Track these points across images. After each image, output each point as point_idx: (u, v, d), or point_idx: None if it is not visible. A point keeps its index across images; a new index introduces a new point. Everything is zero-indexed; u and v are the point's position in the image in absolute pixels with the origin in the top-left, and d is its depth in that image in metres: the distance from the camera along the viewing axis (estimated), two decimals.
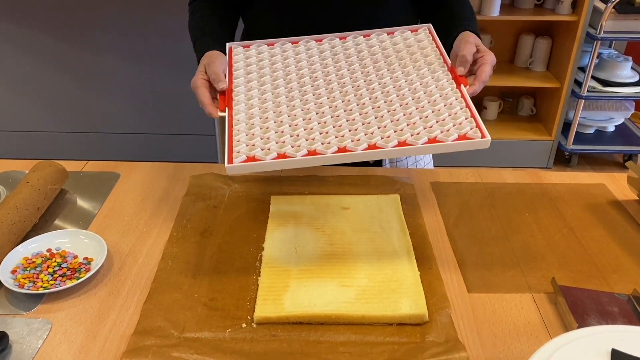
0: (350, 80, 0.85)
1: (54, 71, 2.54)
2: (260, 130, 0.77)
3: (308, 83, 0.85)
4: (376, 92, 0.82)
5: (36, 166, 0.92)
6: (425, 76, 0.84)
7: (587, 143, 2.71)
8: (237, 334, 0.67)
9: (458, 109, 0.77)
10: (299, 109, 0.80)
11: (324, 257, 0.78)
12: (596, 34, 2.37)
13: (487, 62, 0.83)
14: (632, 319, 0.69)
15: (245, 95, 0.84)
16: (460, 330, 0.69)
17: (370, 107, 0.80)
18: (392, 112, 0.78)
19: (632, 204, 0.95)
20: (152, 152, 2.71)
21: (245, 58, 0.93)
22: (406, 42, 0.92)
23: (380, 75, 0.86)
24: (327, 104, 0.81)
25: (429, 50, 0.89)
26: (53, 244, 0.81)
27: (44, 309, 0.71)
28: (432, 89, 0.81)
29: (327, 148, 0.73)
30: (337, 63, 0.89)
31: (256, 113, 0.80)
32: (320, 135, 0.76)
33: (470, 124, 0.74)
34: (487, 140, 0.72)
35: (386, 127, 0.76)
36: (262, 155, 0.73)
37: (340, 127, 0.77)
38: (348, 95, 0.82)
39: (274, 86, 0.86)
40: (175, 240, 0.83)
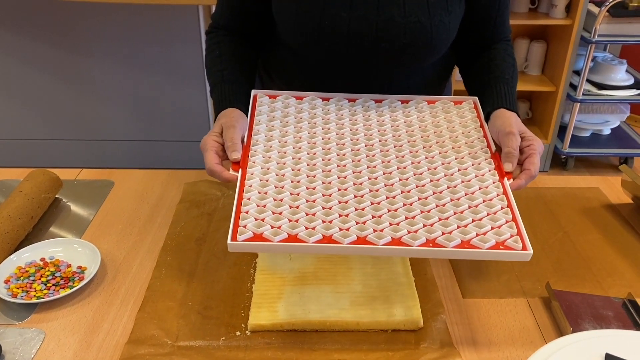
0: (381, 154, 0.78)
1: (47, 78, 2.53)
2: (272, 203, 0.69)
3: (334, 151, 0.78)
4: (408, 174, 0.74)
5: (30, 175, 0.92)
6: (465, 162, 0.76)
7: (583, 146, 2.71)
8: (231, 342, 0.67)
9: (499, 208, 0.69)
10: (319, 181, 0.73)
11: (318, 264, 0.78)
12: (590, 38, 2.37)
13: (535, 153, 0.75)
14: (627, 322, 0.69)
15: (263, 157, 0.76)
16: (455, 336, 0.69)
17: (399, 191, 0.71)
18: (423, 202, 0.70)
19: (627, 208, 0.95)
20: (147, 159, 2.71)
21: (270, 111, 0.85)
22: (447, 116, 0.85)
23: (415, 153, 0.78)
24: (352, 180, 0.73)
25: (472, 130, 0.82)
26: (46, 253, 0.80)
27: (37, 319, 0.71)
28: (471, 179, 0.73)
29: (344, 236, 0.65)
30: (368, 131, 0.82)
31: (272, 181, 0.72)
32: (339, 219, 0.67)
33: (511, 230, 0.67)
34: (529, 253, 0.64)
35: (415, 218, 0.67)
36: (270, 235, 0.65)
37: (363, 210, 0.68)
38: (376, 173, 0.74)
39: (296, 150, 0.78)
40: (169, 248, 0.83)
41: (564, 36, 2.49)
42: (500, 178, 0.74)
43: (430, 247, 0.64)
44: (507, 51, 0.93)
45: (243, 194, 0.71)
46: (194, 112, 2.60)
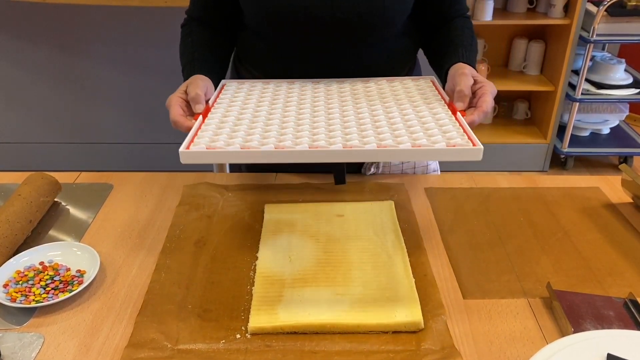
0: (339, 108, 0.82)
1: (45, 82, 2.53)
2: (229, 128, 0.73)
3: (292, 108, 0.82)
4: (363, 108, 0.79)
5: (28, 178, 0.92)
6: (419, 105, 0.81)
7: (583, 146, 2.71)
8: (231, 344, 0.67)
9: (449, 125, 0.72)
10: (276, 118, 0.77)
11: (319, 266, 0.78)
12: (589, 37, 2.38)
13: (487, 92, 0.80)
14: (628, 322, 0.69)
15: (225, 110, 0.81)
16: (456, 337, 0.68)
17: (353, 116, 0.76)
18: (375, 121, 0.74)
19: (627, 207, 0.95)
20: (146, 162, 2.71)
21: (236, 90, 0.90)
22: (405, 88, 0.89)
23: (371, 105, 0.83)
24: (308, 116, 0.78)
25: (428, 94, 0.86)
26: (45, 257, 0.80)
27: (36, 323, 0.70)
28: (424, 114, 0.77)
29: (296, 145, 0.68)
30: (328, 97, 0.86)
31: (231, 119, 0.77)
32: (292, 134, 0.71)
33: (461, 136, 0.69)
34: (479, 149, 0.66)
35: (366, 130, 0.71)
36: (222, 146, 0.68)
37: (316, 128, 0.72)
38: (332, 109, 0.79)
39: (255, 110, 0.82)
40: (169, 251, 0.83)
41: (563, 36, 2.49)
42: (453, 114, 0.77)
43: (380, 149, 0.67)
44: (465, 24, 0.97)
45: (202, 125, 0.75)
46: None
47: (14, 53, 2.47)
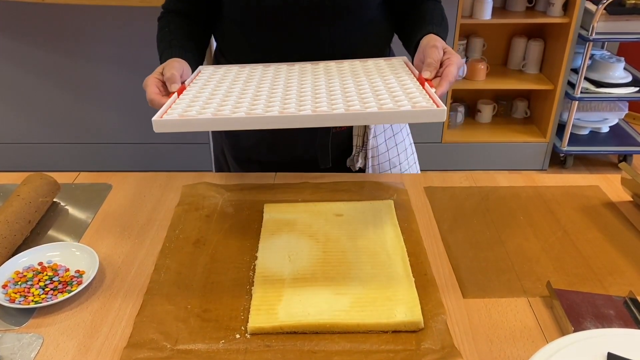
0: (311, 81, 0.84)
1: (44, 82, 2.53)
2: (202, 101, 0.75)
3: (266, 85, 0.83)
4: (334, 81, 0.82)
5: (27, 179, 0.92)
6: (389, 78, 0.83)
7: (582, 144, 2.71)
8: (230, 345, 0.66)
9: (416, 92, 0.74)
10: (250, 92, 0.79)
11: (318, 265, 0.77)
12: (588, 36, 2.38)
13: (453, 63, 0.82)
14: (628, 321, 0.69)
15: (200, 88, 0.82)
16: (456, 337, 0.68)
17: (324, 88, 0.79)
18: (345, 91, 0.77)
19: (626, 205, 0.95)
20: (145, 162, 2.70)
21: (212, 73, 0.91)
22: (377, 65, 0.91)
23: (343, 77, 0.84)
24: (281, 91, 0.79)
25: (399, 70, 0.87)
26: (44, 257, 0.80)
27: (35, 324, 0.70)
28: (392, 83, 0.80)
29: (266, 111, 0.70)
30: (302, 74, 0.88)
31: (205, 95, 0.79)
32: (263, 103, 0.72)
33: (426, 100, 0.71)
34: (442, 110, 0.68)
35: (336, 99, 0.73)
36: (195, 115, 0.69)
37: (288, 98, 0.74)
38: (305, 84, 0.81)
39: (230, 87, 0.83)
40: (168, 251, 0.82)
41: (562, 34, 2.49)
42: (420, 84, 0.79)
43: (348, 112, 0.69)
44: (435, 6, 0.99)
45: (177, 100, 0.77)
46: None
47: (12, 53, 2.47)
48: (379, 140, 1.06)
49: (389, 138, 1.08)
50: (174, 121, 0.70)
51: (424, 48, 0.85)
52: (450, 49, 0.85)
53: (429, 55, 0.83)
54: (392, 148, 1.09)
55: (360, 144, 1.06)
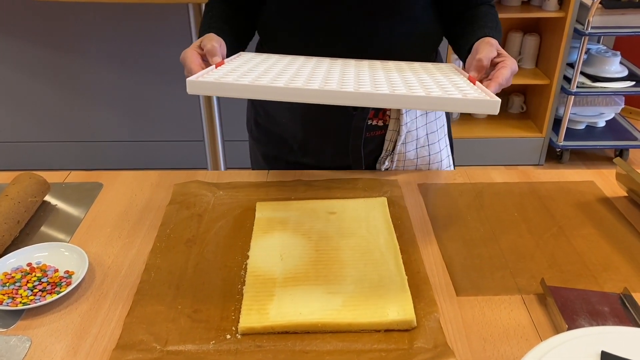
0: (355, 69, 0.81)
1: (34, 79, 2.51)
2: (241, 72, 0.71)
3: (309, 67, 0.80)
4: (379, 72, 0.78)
5: (16, 178, 0.91)
6: (435, 74, 0.79)
7: (578, 139, 2.71)
8: (221, 345, 0.66)
9: (465, 85, 0.71)
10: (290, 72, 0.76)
11: (310, 264, 0.77)
12: (584, 30, 2.37)
13: (507, 67, 0.78)
14: (623, 318, 0.68)
15: (239, 64, 0.79)
16: (449, 335, 0.68)
17: (368, 75, 0.75)
18: (390, 79, 0.74)
19: (621, 201, 0.94)
20: (136, 160, 2.69)
21: (251, 57, 0.88)
22: (424, 67, 0.88)
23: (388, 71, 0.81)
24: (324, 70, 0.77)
25: (448, 72, 0.84)
26: (33, 258, 0.79)
27: (23, 326, 0.69)
28: (440, 78, 0.77)
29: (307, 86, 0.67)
30: (345, 65, 0.84)
31: (244, 68, 0.76)
32: (302, 79, 0.69)
33: (478, 92, 0.68)
34: (496, 101, 0.64)
35: (380, 84, 0.70)
36: (232, 81, 0.66)
37: (330, 78, 0.71)
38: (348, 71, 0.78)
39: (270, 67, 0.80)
40: (159, 251, 0.82)
41: (557, 29, 2.48)
42: (470, 80, 0.75)
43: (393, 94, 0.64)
44: (490, 11, 0.96)
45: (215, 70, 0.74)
46: (184, 112, 2.59)
47: (3, 50, 2.45)
48: (409, 147, 1.04)
49: (422, 147, 1.06)
50: (208, 83, 0.66)
51: (477, 45, 0.82)
52: (505, 53, 0.81)
53: (481, 51, 0.79)
54: (423, 157, 1.07)
55: (390, 148, 1.04)
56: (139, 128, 2.62)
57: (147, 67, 2.47)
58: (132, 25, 2.40)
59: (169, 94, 2.52)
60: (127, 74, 2.50)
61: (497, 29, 0.91)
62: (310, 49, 0.94)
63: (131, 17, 2.38)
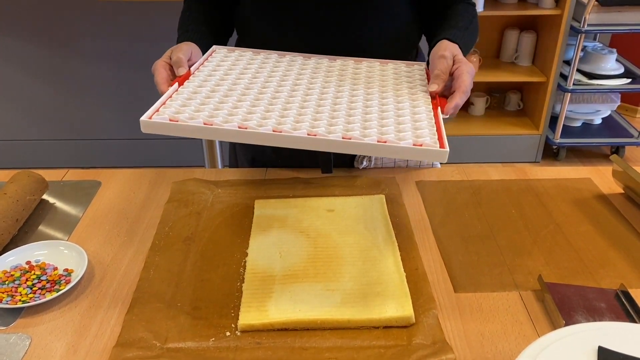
0: (319, 91, 0.81)
1: (31, 77, 2.50)
2: (199, 100, 0.72)
3: (271, 86, 0.81)
4: (343, 92, 0.79)
5: (14, 177, 0.90)
6: (401, 95, 0.80)
7: (575, 136, 2.72)
8: (220, 342, 0.66)
9: (424, 121, 0.72)
10: (252, 94, 0.77)
11: (309, 261, 0.77)
12: (580, 27, 2.37)
13: (464, 72, 0.80)
14: (620, 314, 0.69)
15: (203, 79, 0.81)
16: (448, 331, 0.68)
17: (330, 100, 0.76)
18: (348, 113, 0.74)
19: (618, 198, 0.95)
20: (134, 158, 2.68)
21: (222, 59, 0.90)
22: (395, 73, 0.89)
23: (353, 93, 0.81)
24: (283, 98, 0.77)
25: (417, 84, 0.85)
26: (32, 256, 0.79)
27: (23, 324, 0.69)
28: (404, 104, 0.77)
29: (260, 126, 0.67)
30: (313, 78, 0.85)
31: (204, 92, 0.76)
32: (258, 115, 0.70)
33: (431, 135, 0.69)
34: (445, 151, 0.65)
35: (336, 120, 0.71)
36: (185, 120, 0.66)
37: (286, 111, 0.71)
38: (308, 101, 0.77)
39: (233, 82, 0.81)
40: (158, 249, 0.82)
41: (554, 26, 2.48)
42: (433, 107, 0.76)
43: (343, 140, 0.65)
44: (467, 9, 0.96)
45: (173, 95, 0.74)
46: None
47: (1, 48, 2.44)
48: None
49: None
50: (162, 124, 0.67)
51: (432, 59, 0.84)
52: (460, 57, 0.83)
53: (436, 66, 0.81)
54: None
55: None
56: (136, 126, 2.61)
57: (145, 65, 2.46)
58: (129, 23, 2.39)
59: None
60: (124, 72, 2.49)
61: (469, 29, 0.92)
62: (287, 43, 0.95)
63: (129, 14, 2.37)
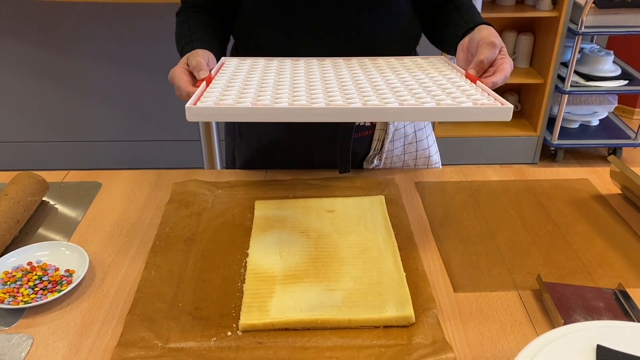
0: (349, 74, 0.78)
1: (32, 79, 2.51)
2: (237, 89, 0.69)
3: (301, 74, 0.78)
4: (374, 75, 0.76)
5: (15, 178, 0.91)
6: (434, 75, 0.77)
7: (572, 138, 2.73)
8: (222, 342, 0.66)
9: (471, 90, 0.68)
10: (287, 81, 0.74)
11: (309, 262, 0.77)
12: (577, 29, 2.38)
13: (503, 71, 0.76)
14: (618, 313, 0.69)
15: (230, 77, 0.78)
16: (447, 331, 0.68)
17: (367, 82, 0.72)
18: (392, 85, 0.70)
19: (616, 198, 0.95)
20: (135, 160, 2.69)
21: (237, 65, 0.87)
22: (416, 62, 0.87)
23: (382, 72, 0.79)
24: (319, 78, 0.74)
25: (442, 67, 0.83)
26: (33, 257, 0.79)
27: (25, 324, 0.70)
28: (441, 80, 0.74)
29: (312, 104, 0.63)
30: (337, 68, 0.83)
31: (238, 83, 0.73)
32: (305, 94, 0.66)
33: (486, 97, 0.65)
34: (509, 107, 0.62)
35: (384, 93, 0.66)
36: (232, 104, 0.63)
37: (330, 89, 0.68)
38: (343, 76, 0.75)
39: (262, 77, 0.78)
40: (159, 249, 0.82)
41: (551, 28, 2.49)
42: (472, 80, 0.75)
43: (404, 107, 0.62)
44: (469, 3, 0.96)
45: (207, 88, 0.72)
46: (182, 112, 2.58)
47: (1, 51, 2.44)
48: (396, 144, 1.05)
49: (409, 144, 1.07)
50: (210, 109, 0.63)
51: (479, 42, 0.78)
52: (506, 51, 0.79)
53: (483, 52, 0.76)
54: (410, 152, 1.08)
55: (378, 147, 1.04)
56: (135, 128, 2.62)
57: (144, 67, 2.47)
58: (129, 25, 2.40)
59: (165, 93, 2.52)
60: (124, 74, 2.49)
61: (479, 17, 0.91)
62: (291, 47, 0.93)
63: (129, 16, 2.38)
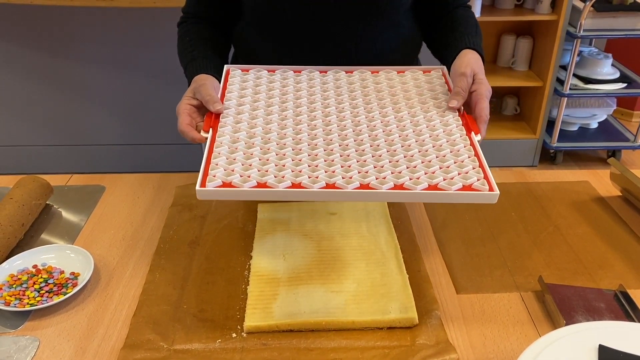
0: (351, 115, 0.80)
1: (35, 83, 2.51)
2: (242, 156, 0.71)
3: (304, 113, 0.80)
4: (377, 130, 0.77)
5: (19, 182, 0.91)
6: (433, 119, 0.79)
7: (572, 140, 2.73)
8: (227, 344, 0.67)
9: (465, 157, 0.72)
10: (289, 138, 0.74)
11: (313, 264, 0.78)
12: (576, 33, 2.39)
13: (482, 96, 0.80)
14: (619, 314, 0.70)
15: (234, 118, 0.78)
16: (450, 332, 0.69)
17: (369, 145, 0.74)
18: (391, 152, 0.72)
19: (616, 200, 0.96)
20: (138, 163, 2.69)
21: (242, 82, 0.87)
22: (416, 83, 0.88)
23: (383, 113, 0.80)
24: (322, 137, 0.75)
25: (439, 94, 0.84)
26: (39, 260, 0.80)
27: (31, 326, 0.70)
28: (439, 133, 0.76)
29: (314, 182, 0.66)
30: (339, 96, 0.84)
31: (242, 137, 0.74)
32: (308, 168, 0.69)
33: (477, 174, 0.69)
34: (495, 194, 0.67)
35: (383, 167, 0.70)
36: (239, 183, 0.66)
37: (332, 162, 0.70)
38: (346, 130, 0.76)
39: (267, 112, 0.80)
40: (163, 252, 0.83)
41: (550, 31, 2.50)
42: (467, 132, 0.76)
43: (397, 190, 0.66)
44: (467, 14, 0.98)
45: (213, 148, 0.72)
46: None
47: (2, 54, 2.45)
48: None
49: None
50: (218, 191, 0.67)
51: (453, 75, 0.84)
52: (480, 77, 0.82)
53: (457, 83, 0.81)
54: None
55: None
56: (138, 131, 2.62)
57: (147, 71, 2.48)
58: (131, 29, 2.40)
59: (167, 97, 2.52)
60: (127, 78, 2.50)
61: (477, 34, 0.93)
62: (290, 58, 0.93)
63: (132, 21, 2.38)
